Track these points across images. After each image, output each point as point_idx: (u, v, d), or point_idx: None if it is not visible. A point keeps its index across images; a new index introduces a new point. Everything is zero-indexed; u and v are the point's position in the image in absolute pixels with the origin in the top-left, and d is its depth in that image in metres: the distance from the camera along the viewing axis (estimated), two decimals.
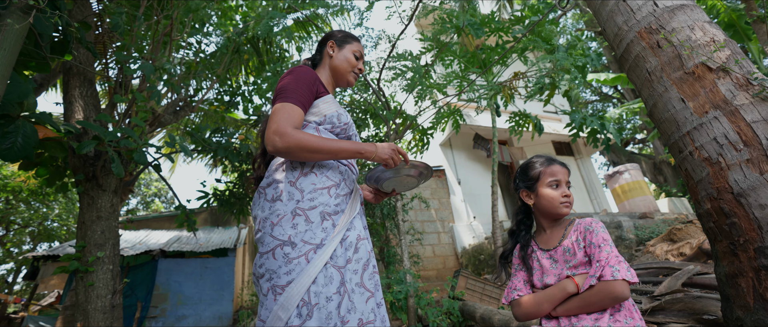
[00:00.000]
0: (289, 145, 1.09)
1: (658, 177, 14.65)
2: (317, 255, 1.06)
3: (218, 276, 7.30)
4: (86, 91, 3.57)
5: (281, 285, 1.04)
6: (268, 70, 4.68)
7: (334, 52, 1.40)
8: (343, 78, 1.39)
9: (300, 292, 1.01)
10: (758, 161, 1.55)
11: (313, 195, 1.15)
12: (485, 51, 5.05)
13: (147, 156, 3.14)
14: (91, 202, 3.43)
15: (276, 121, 1.11)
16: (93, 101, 3.61)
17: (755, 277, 1.50)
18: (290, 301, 1.01)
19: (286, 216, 1.12)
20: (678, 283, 3.05)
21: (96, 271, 3.33)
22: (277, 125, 1.10)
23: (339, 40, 1.41)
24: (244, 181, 5.53)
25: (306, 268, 1.04)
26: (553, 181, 1.30)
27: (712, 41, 1.83)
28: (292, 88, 1.19)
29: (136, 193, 17.85)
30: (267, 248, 1.11)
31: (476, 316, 3.37)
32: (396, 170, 1.24)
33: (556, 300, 1.17)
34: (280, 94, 1.18)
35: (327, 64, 1.40)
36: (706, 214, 1.73)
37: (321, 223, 1.11)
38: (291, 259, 1.06)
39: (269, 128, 1.11)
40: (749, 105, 1.64)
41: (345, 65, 1.38)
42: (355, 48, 1.40)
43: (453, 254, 8.15)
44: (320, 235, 1.09)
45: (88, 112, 3.51)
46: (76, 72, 3.55)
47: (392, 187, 1.32)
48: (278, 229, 1.10)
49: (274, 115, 1.13)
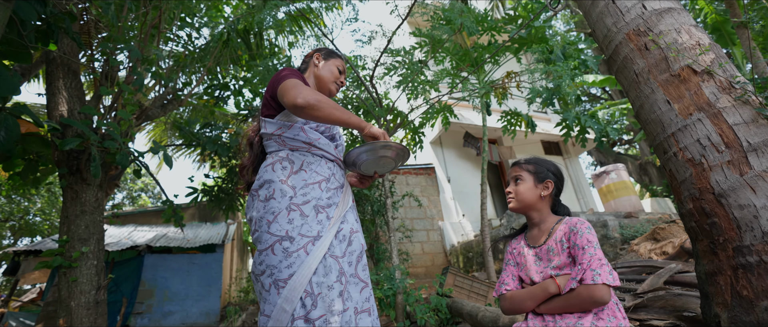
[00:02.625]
0: (307, 100, 1.17)
1: (643, 177, 14.94)
2: (316, 247, 1.11)
3: (205, 272, 7.24)
4: (70, 83, 3.49)
5: (283, 278, 1.08)
6: (259, 64, 4.64)
7: (319, 62, 1.51)
8: (326, 87, 1.50)
9: (302, 283, 1.06)
10: (739, 163, 1.59)
11: (305, 190, 1.20)
12: (477, 49, 5.08)
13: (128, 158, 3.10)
14: (74, 196, 3.36)
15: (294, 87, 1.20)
16: (77, 93, 3.53)
17: (733, 275, 1.54)
18: (294, 293, 1.05)
19: (282, 212, 1.16)
20: (660, 281, 3.12)
21: (80, 266, 3.27)
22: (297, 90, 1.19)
23: (325, 54, 1.54)
24: (233, 176, 5.48)
25: (306, 260, 1.08)
26: (510, 178, 1.41)
27: (697, 44, 1.87)
28: (297, 77, 1.28)
29: (121, 187, 17.54)
30: (265, 245, 1.14)
31: (464, 312, 3.40)
32: (372, 151, 1.26)
33: (538, 299, 1.20)
34: (287, 78, 1.26)
35: (312, 72, 1.51)
36: (688, 213, 1.77)
37: (316, 216, 1.16)
38: (290, 253, 1.10)
39: (289, 94, 1.19)
40: (731, 108, 1.68)
41: (328, 75, 1.49)
42: (339, 63, 1.53)
43: (442, 251, 8.21)
44: (316, 228, 1.14)
45: (72, 104, 3.43)
46: (59, 62, 3.46)
47: (372, 169, 1.34)
48: (275, 226, 1.14)
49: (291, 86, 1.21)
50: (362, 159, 1.29)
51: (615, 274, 1.09)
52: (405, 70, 4.35)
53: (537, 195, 1.33)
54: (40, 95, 5.08)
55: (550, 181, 1.33)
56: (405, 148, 1.28)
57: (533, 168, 1.36)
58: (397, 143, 1.26)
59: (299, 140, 1.31)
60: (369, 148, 1.25)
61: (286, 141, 1.31)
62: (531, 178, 1.35)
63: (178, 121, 6.80)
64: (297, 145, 1.31)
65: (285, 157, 1.29)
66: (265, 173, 1.26)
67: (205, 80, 5.47)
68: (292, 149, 1.31)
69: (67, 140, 2.70)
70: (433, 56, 5.06)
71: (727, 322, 1.52)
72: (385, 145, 1.24)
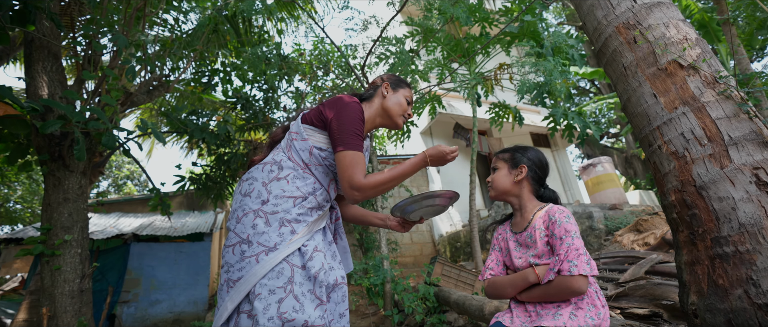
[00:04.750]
0: (367, 195, 1.20)
1: (628, 170, 15.23)
2: (268, 257, 1.11)
3: (193, 261, 7.18)
4: (51, 66, 3.38)
5: (233, 279, 1.13)
6: (247, 51, 4.55)
7: (387, 93, 1.44)
8: (392, 120, 1.43)
9: (246, 289, 1.09)
10: (720, 156, 1.63)
11: (277, 201, 1.19)
12: (469, 40, 5.06)
13: (116, 139, 3.01)
14: (57, 183, 3.29)
15: (350, 174, 1.18)
16: (58, 77, 3.43)
17: (710, 264, 1.59)
18: (238, 294, 1.10)
19: (249, 214, 1.18)
20: (641, 271, 3.21)
21: (63, 254, 3.22)
22: (352, 179, 1.18)
23: (393, 84, 1.46)
24: (221, 164, 5.42)
25: (254, 268, 1.10)
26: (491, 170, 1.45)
27: (684, 39, 1.90)
28: (352, 130, 1.23)
29: (106, 175, 17.19)
30: (229, 243, 1.18)
31: (451, 301, 3.45)
32: (422, 200, 1.32)
33: (518, 287, 1.23)
34: (343, 136, 1.22)
35: (378, 103, 1.44)
36: (670, 205, 1.82)
37: (278, 228, 1.16)
38: (245, 257, 1.13)
39: (344, 180, 1.18)
40: (715, 102, 1.72)
41: (396, 109, 1.42)
42: (408, 94, 1.46)
43: (430, 241, 8.29)
44: (275, 239, 1.14)
45: (53, 88, 3.33)
46: (39, 45, 3.35)
47: (420, 215, 1.38)
48: (240, 227, 1.18)
49: (346, 167, 1.19)
50: (411, 209, 1.34)
51: (593, 264, 1.11)
52: (396, 59, 4.32)
53: (511, 181, 1.36)
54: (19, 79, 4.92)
55: (523, 165, 1.35)
56: (455, 193, 1.33)
57: (508, 156, 1.41)
58: (446, 190, 1.31)
59: (301, 155, 1.29)
60: (416, 199, 1.31)
61: (292, 147, 1.30)
62: (505, 166, 1.39)
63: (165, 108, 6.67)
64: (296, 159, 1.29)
65: (278, 161, 1.28)
66: (255, 170, 1.28)
67: (192, 66, 5.36)
68: (290, 158, 1.29)
69: (49, 122, 2.62)
70: (424, 46, 5.03)
71: (703, 309, 1.58)
72: (436, 195, 1.30)
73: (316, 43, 5.83)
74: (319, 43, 5.84)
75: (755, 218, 1.48)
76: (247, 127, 5.42)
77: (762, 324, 1.38)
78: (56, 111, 3.19)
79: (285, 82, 5.61)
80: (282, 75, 5.20)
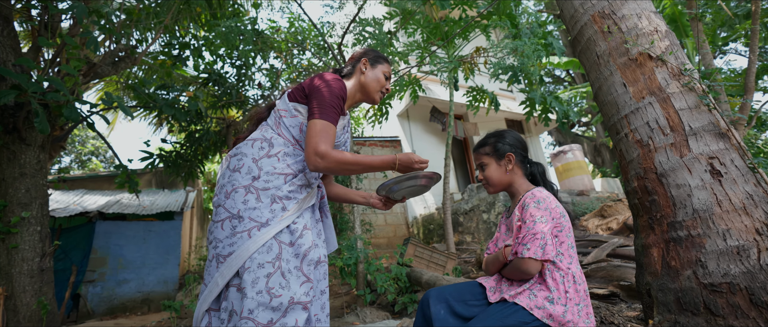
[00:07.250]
0: (329, 165, 1.18)
1: (597, 158, 15.84)
2: (260, 232, 1.13)
3: (163, 240, 7.01)
4: (1, 30, 3.13)
5: (223, 255, 1.13)
6: (221, 25, 4.35)
7: (366, 69, 1.45)
8: (371, 95, 1.46)
9: (238, 264, 1.10)
10: (680, 145, 1.71)
11: (269, 177, 1.20)
12: (448, 23, 5.04)
13: (79, 112, 2.84)
14: (12, 157, 3.10)
15: (317, 141, 1.18)
16: (11, 43, 3.18)
17: (665, 247, 1.69)
18: (229, 270, 1.11)
19: (240, 189, 1.18)
20: (603, 254, 3.38)
21: (21, 232, 3.06)
22: (317, 146, 1.18)
23: (372, 59, 1.47)
24: (192, 141, 5.24)
25: (246, 243, 1.11)
26: (476, 167, 1.45)
27: (655, 31, 1.95)
28: (330, 103, 1.24)
29: (69, 150, 16.33)
30: (218, 218, 1.18)
31: (422, 281, 3.53)
32: (406, 180, 1.35)
33: (498, 264, 1.30)
34: (319, 107, 1.23)
35: (357, 79, 1.46)
36: (632, 191, 1.90)
37: (270, 204, 1.17)
38: (236, 232, 1.13)
39: (310, 146, 1.18)
40: (679, 93, 1.79)
41: (375, 85, 1.44)
42: (386, 69, 1.47)
43: (404, 223, 8.41)
44: (266, 215, 1.15)
45: (5, 55, 3.10)
46: None
47: (402, 194, 1.43)
48: (230, 202, 1.18)
49: (314, 134, 1.20)
50: (396, 188, 1.39)
51: (547, 248, 1.14)
52: (374, 41, 4.25)
53: (503, 172, 1.37)
54: None
55: (509, 154, 1.37)
56: (437, 174, 1.36)
57: (491, 149, 1.40)
58: (430, 172, 1.34)
59: (291, 132, 1.30)
60: (400, 180, 1.35)
61: (281, 124, 1.31)
62: (492, 160, 1.39)
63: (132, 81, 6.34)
64: (287, 136, 1.30)
65: (269, 138, 1.29)
66: (244, 145, 1.28)
67: (161, 38, 5.09)
68: (280, 135, 1.30)
69: (3, 92, 2.44)
70: (403, 28, 4.97)
71: (656, 289, 1.68)
72: (420, 175, 1.33)
73: (291, 19, 5.65)
74: (296, 19, 5.66)
75: (707, 204, 1.58)
76: (220, 104, 5.24)
77: (706, 302, 1.49)
78: (9, 80, 2.97)
79: (260, 58, 5.44)
80: (257, 50, 5.03)
